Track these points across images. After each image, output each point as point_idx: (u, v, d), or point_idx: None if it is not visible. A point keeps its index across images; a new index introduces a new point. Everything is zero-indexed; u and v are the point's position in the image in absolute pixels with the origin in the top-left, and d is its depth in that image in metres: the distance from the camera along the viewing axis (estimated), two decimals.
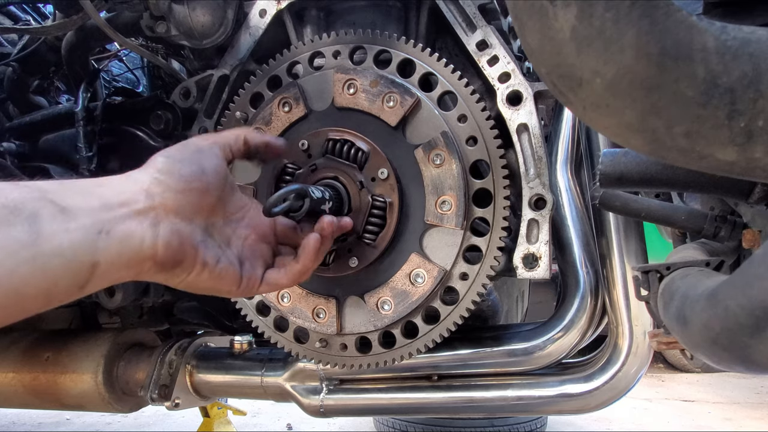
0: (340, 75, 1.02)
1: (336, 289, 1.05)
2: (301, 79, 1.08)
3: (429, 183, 0.98)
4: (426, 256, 0.99)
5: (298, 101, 1.06)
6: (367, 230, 0.98)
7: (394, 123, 0.99)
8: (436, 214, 0.98)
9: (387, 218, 0.98)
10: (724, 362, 0.51)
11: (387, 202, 0.98)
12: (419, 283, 0.99)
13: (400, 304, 1.01)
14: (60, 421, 3.61)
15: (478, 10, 1.05)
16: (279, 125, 1.07)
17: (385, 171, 0.98)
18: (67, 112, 1.50)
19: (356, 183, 0.98)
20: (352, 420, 3.37)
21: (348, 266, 1.00)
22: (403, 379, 1.31)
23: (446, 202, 0.97)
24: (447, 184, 0.97)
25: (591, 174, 1.29)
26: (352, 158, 0.99)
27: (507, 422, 2.58)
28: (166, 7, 1.15)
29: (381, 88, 1.00)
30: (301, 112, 1.06)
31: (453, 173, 0.97)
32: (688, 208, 0.87)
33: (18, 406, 1.61)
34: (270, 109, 1.08)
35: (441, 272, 0.98)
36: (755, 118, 0.39)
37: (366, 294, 1.03)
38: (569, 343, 1.21)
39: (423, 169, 0.99)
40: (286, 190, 0.83)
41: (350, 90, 1.02)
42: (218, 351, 1.51)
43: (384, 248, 0.99)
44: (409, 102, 0.99)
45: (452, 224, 0.97)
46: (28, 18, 1.76)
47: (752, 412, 3.73)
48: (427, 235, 0.99)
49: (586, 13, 0.41)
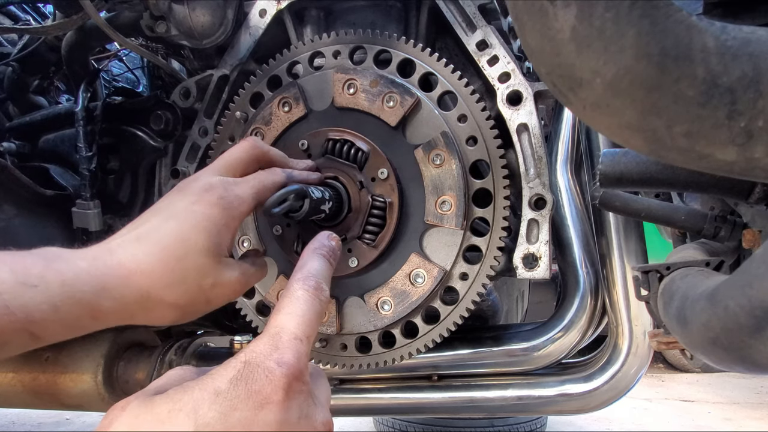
0: (340, 75, 1.02)
1: (336, 289, 1.05)
2: (301, 79, 1.08)
3: (429, 183, 0.98)
4: (426, 256, 0.99)
5: (297, 101, 1.06)
6: (367, 230, 0.98)
7: (394, 123, 0.99)
8: (436, 214, 0.98)
9: (387, 218, 0.98)
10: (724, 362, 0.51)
11: (387, 202, 0.98)
12: (419, 283, 0.99)
13: (400, 305, 1.01)
14: (60, 421, 3.60)
15: (478, 10, 1.05)
16: (279, 125, 1.07)
17: (385, 171, 0.98)
18: (67, 112, 1.50)
19: (356, 183, 0.98)
20: (352, 420, 3.36)
21: (348, 266, 1.00)
22: (403, 379, 1.31)
23: (446, 202, 0.97)
24: (447, 185, 0.97)
25: (591, 174, 1.29)
26: (352, 158, 0.99)
27: (507, 422, 2.58)
28: (166, 7, 1.15)
29: (381, 88, 1.00)
30: (301, 112, 1.05)
31: (453, 173, 0.97)
32: (688, 208, 0.87)
33: (18, 406, 1.60)
34: (270, 108, 1.08)
35: (441, 272, 0.98)
36: (755, 118, 0.39)
37: (366, 294, 1.03)
38: (569, 343, 1.22)
39: (423, 169, 0.98)
40: (286, 191, 0.83)
41: (350, 90, 1.02)
42: (218, 351, 1.51)
43: (384, 248, 0.98)
44: (409, 102, 0.99)
45: (452, 224, 0.97)
46: (28, 18, 1.76)
47: (752, 412, 3.73)
48: (427, 235, 0.99)
49: (586, 13, 0.41)
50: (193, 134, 1.24)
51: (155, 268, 0.66)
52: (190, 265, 0.69)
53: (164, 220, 0.70)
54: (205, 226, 0.71)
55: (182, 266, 0.68)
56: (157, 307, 0.67)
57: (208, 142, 1.22)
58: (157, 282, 0.66)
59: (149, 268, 0.66)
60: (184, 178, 1.24)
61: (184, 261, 0.68)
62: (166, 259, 0.67)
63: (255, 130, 1.09)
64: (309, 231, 1.01)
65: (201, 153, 1.23)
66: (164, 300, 0.67)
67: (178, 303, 0.68)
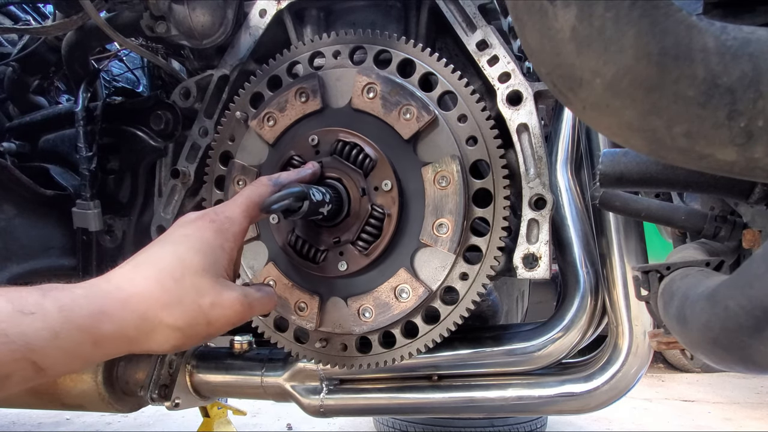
0: (363, 77, 1.01)
1: (321, 287, 1.06)
2: (323, 71, 1.06)
3: (430, 203, 0.98)
4: (415, 273, 1.00)
5: (315, 94, 1.05)
6: (362, 237, 0.99)
7: (407, 136, 0.99)
8: (432, 235, 0.98)
9: (383, 229, 0.98)
10: (724, 362, 0.51)
11: (386, 213, 0.98)
12: (403, 298, 1.00)
13: (381, 315, 1.01)
14: (60, 421, 3.60)
15: (478, 10, 1.05)
16: (292, 114, 1.06)
17: (389, 183, 0.97)
18: (67, 112, 1.50)
19: (359, 189, 0.98)
20: (352, 420, 3.36)
21: (337, 269, 1.01)
22: (403, 379, 1.31)
23: (444, 225, 0.97)
24: (447, 208, 0.97)
25: (591, 174, 1.29)
26: (359, 164, 0.99)
27: (507, 422, 2.59)
28: (166, 7, 1.15)
29: (400, 98, 0.99)
30: (316, 105, 1.05)
31: (456, 198, 0.97)
32: (688, 208, 0.87)
33: (18, 406, 1.60)
34: (286, 96, 1.07)
35: (426, 292, 0.99)
36: (755, 118, 0.39)
37: (350, 298, 1.03)
38: (569, 343, 1.21)
39: (427, 188, 0.98)
40: (287, 192, 0.85)
41: (370, 94, 1.01)
42: (218, 351, 1.51)
43: (375, 258, 0.99)
44: (425, 118, 0.98)
45: (446, 248, 0.97)
46: (28, 18, 1.76)
47: (752, 412, 3.73)
48: (420, 252, 1.00)
49: (586, 13, 0.41)
50: (193, 134, 1.24)
51: (152, 290, 0.67)
52: (187, 285, 0.69)
53: (161, 247, 0.72)
54: (200, 248, 0.73)
55: (179, 286, 0.69)
56: (156, 329, 0.67)
57: (208, 142, 1.22)
58: (155, 303, 0.67)
59: (146, 290, 0.67)
60: (184, 179, 1.24)
61: (181, 281, 0.69)
62: (163, 280, 0.68)
63: (268, 115, 1.08)
64: (305, 225, 1.02)
65: (201, 153, 1.23)
66: (163, 321, 0.67)
67: (177, 324, 0.68)
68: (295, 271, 1.07)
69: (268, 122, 1.08)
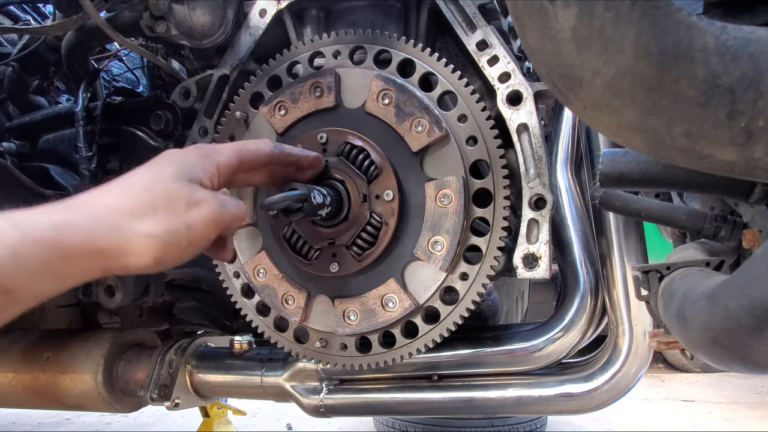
0: (379, 82, 1.01)
1: (310, 284, 1.06)
2: (341, 69, 1.06)
3: (429, 219, 0.98)
4: (404, 285, 1.00)
5: (330, 91, 1.04)
6: (357, 243, 0.99)
7: (415, 149, 0.99)
8: (426, 251, 0.98)
9: (379, 238, 0.98)
10: (724, 362, 0.51)
11: (384, 223, 0.98)
12: (389, 307, 1.00)
13: (365, 321, 1.02)
14: (60, 421, 3.61)
15: (478, 10, 1.05)
16: (304, 107, 1.06)
17: (391, 193, 0.97)
18: (67, 112, 1.50)
19: (360, 195, 0.98)
20: (352, 420, 3.36)
21: (328, 269, 1.01)
22: (403, 379, 1.31)
23: (439, 242, 0.97)
24: (445, 227, 0.97)
25: (591, 174, 1.29)
26: (364, 170, 0.98)
27: (507, 422, 2.59)
28: (166, 7, 1.15)
29: (414, 109, 0.99)
30: (330, 102, 1.04)
31: (455, 218, 0.97)
32: (688, 208, 0.87)
33: (18, 406, 1.60)
34: (301, 88, 1.06)
35: (412, 305, 0.99)
36: (755, 118, 0.39)
37: (337, 299, 1.04)
38: (569, 343, 1.21)
39: (428, 204, 0.98)
40: (289, 195, 0.86)
41: (385, 100, 1.00)
42: (218, 351, 1.51)
43: (367, 264, 1.00)
44: (436, 134, 0.97)
45: (438, 265, 0.98)
46: (28, 18, 1.76)
47: (752, 412, 3.73)
48: (411, 265, 1.00)
49: (586, 13, 0.41)
50: (193, 134, 1.24)
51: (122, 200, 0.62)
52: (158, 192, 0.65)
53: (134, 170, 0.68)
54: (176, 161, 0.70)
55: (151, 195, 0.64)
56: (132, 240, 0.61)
57: (208, 142, 1.22)
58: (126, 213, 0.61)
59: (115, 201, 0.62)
60: None
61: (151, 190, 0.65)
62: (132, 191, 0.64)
63: (280, 104, 1.08)
64: (302, 222, 1.02)
65: None
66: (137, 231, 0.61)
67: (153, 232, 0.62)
68: (287, 264, 1.07)
69: (280, 111, 1.08)
